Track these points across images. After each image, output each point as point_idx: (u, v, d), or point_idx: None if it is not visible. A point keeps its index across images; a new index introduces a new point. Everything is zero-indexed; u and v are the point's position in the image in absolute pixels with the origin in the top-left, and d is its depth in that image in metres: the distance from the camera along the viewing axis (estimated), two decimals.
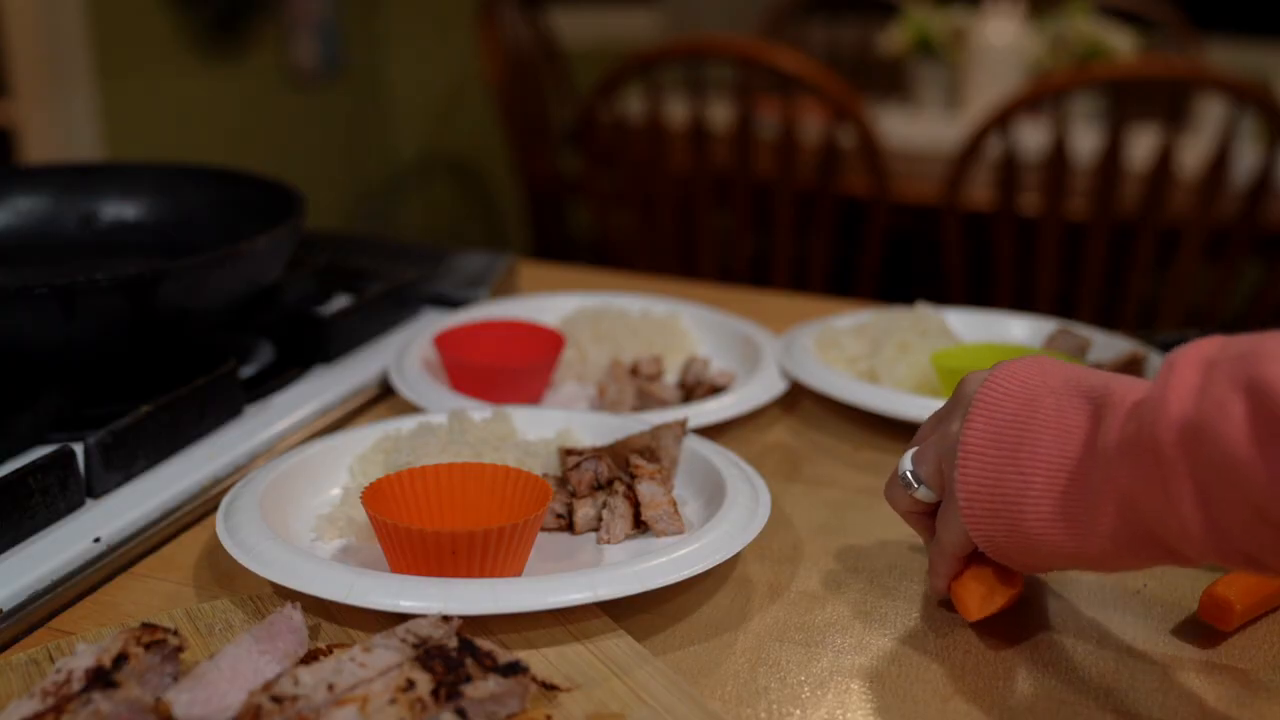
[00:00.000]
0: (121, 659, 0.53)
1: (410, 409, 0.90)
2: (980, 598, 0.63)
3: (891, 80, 2.91)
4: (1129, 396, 0.54)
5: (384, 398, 0.95)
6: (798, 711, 0.58)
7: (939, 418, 0.65)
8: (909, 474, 0.64)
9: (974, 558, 0.64)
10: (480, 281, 1.13)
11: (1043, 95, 1.88)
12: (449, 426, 0.78)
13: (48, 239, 1.02)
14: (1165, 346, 0.96)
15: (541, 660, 0.59)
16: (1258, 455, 0.47)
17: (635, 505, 0.72)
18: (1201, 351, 0.51)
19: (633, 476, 0.73)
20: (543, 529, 0.72)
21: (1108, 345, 0.97)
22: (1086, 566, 0.58)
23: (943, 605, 0.67)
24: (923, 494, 0.64)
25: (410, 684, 0.52)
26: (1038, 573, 0.66)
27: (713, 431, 0.87)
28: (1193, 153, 2.06)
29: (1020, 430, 0.57)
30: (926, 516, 0.65)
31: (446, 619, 0.57)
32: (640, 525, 0.72)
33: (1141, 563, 0.55)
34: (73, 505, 0.72)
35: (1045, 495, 0.56)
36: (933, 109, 2.69)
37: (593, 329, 0.98)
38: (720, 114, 2.16)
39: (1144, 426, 0.51)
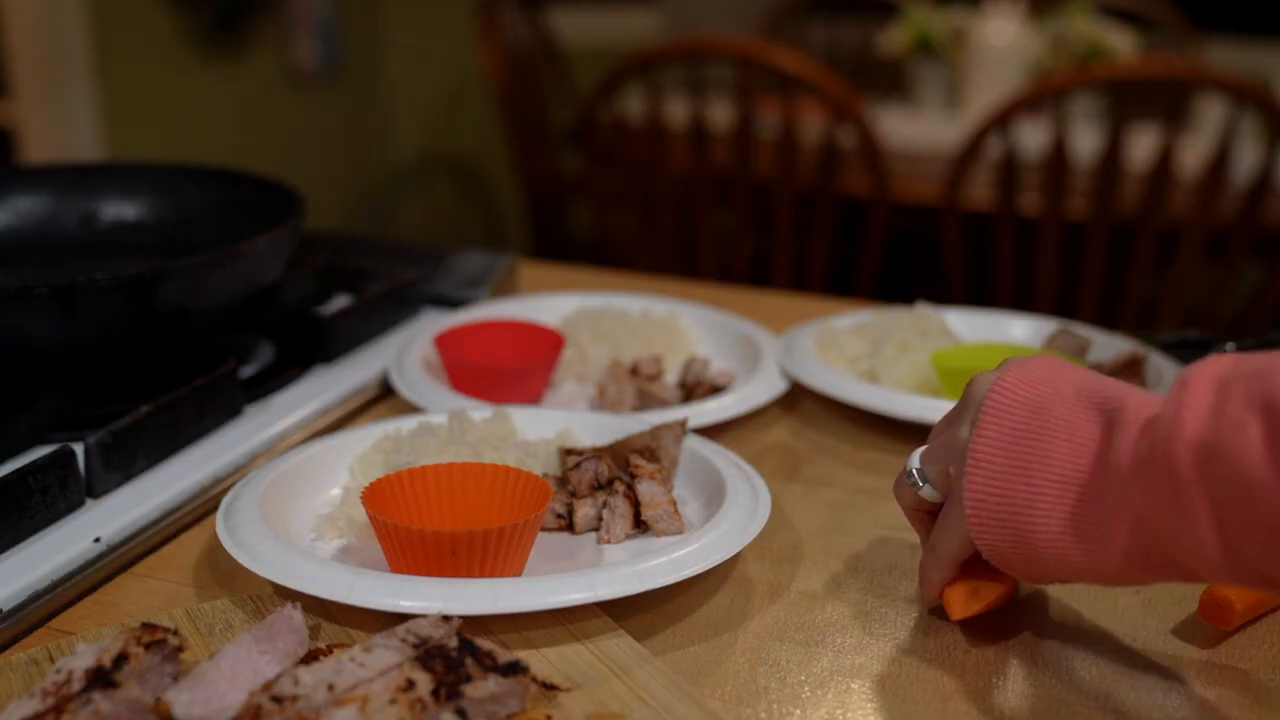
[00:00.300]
0: (121, 659, 0.53)
1: (410, 409, 0.90)
2: (966, 595, 0.63)
3: (891, 80, 2.91)
4: (1142, 412, 0.53)
5: (384, 398, 0.95)
6: (798, 711, 0.58)
7: (949, 419, 0.64)
8: (915, 472, 0.64)
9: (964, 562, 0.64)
10: (480, 281, 1.13)
11: (1043, 95, 1.88)
12: (449, 426, 0.78)
13: (48, 239, 1.02)
14: (1165, 346, 0.96)
15: (541, 660, 0.59)
16: (1274, 475, 0.47)
17: (635, 505, 0.72)
18: (1215, 370, 0.51)
19: (633, 476, 0.73)
20: (543, 529, 0.72)
21: (1108, 345, 0.97)
22: (1094, 581, 0.57)
23: (937, 610, 0.66)
24: (927, 493, 0.64)
25: (410, 684, 0.52)
26: (1041, 584, 0.66)
27: (713, 431, 0.87)
28: (1193, 153, 2.06)
29: (1031, 440, 0.57)
30: (929, 516, 0.65)
31: (446, 619, 0.57)
32: (640, 525, 0.72)
33: (1152, 580, 0.55)
34: (73, 505, 0.72)
35: (1055, 509, 0.56)
36: (933, 109, 2.69)
37: (593, 329, 0.98)
38: (720, 114, 2.16)
39: (1158, 445, 0.51)
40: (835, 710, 0.59)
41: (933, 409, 0.85)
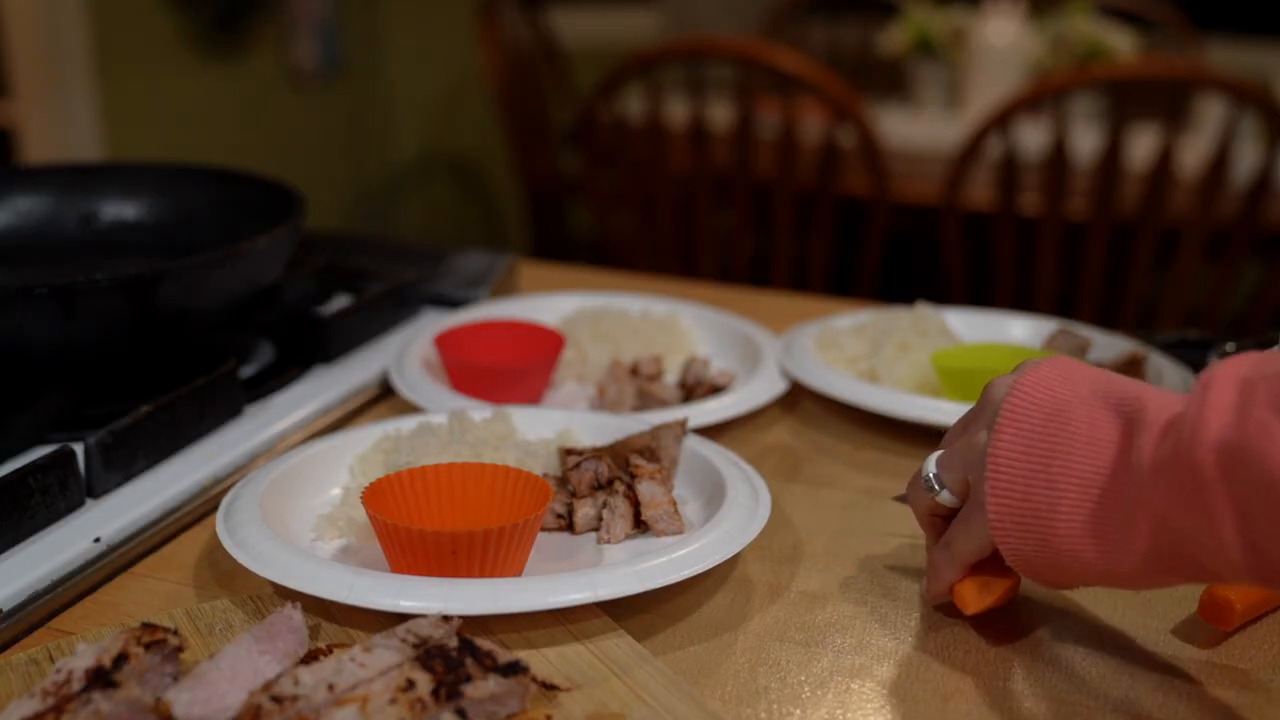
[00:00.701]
0: (121, 659, 0.53)
1: (410, 409, 0.90)
2: (978, 588, 0.63)
3: (891, 80, 2.91)
4: (1162, 413, 0.53)
5: (384, 398, 0.95)
6: (798, 711, 0.58)
7: (965, 422, 0.64)
8: (932, 477, 0.64)
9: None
10: (480, 281, 1.13)
11: (1043, 95, 1.88)
12: (449, 426, 0.78)
13: (48, 239, 1.02)
14: (1165, 346, 0.96)
15: (541, 660, 0.59)
16: None
17: (635, 505, 0.72)
18: (1238, 370, 0.51)
19: (633, 476, 0.73)
20: (543, 529, 0.72)
21: (1108, 345, 0.97)
22: (1115, 584, 0.57)
23: (940, 609, 0.66)
24: (945, 498, 0.64)
25: (410, 684, 0.52)
26: (1063, 589, 0.65)
27: (713, 431, 0.87)
28: (1193, 153, 2.06)
29: (1050, 442, 0.57)
30: (942, 520, 0.65)
31: (446, 619, 0.57)
32: (640, 525, 0.72)
33: (1172, 581, 0.55)
34: (73, 505, 0.72)
35: (1076, 511, 0.55)
36: (933, 109, 2.69)
37: (593, 329, 0.98)
38: (720, 114, 2.16)
39: (1181, 446, 0.50)
40: (835, 710, 0.59)
41: (933, 409, 0.85)
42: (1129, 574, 0.55)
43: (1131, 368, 0.92)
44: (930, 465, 0.64)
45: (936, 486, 0.64)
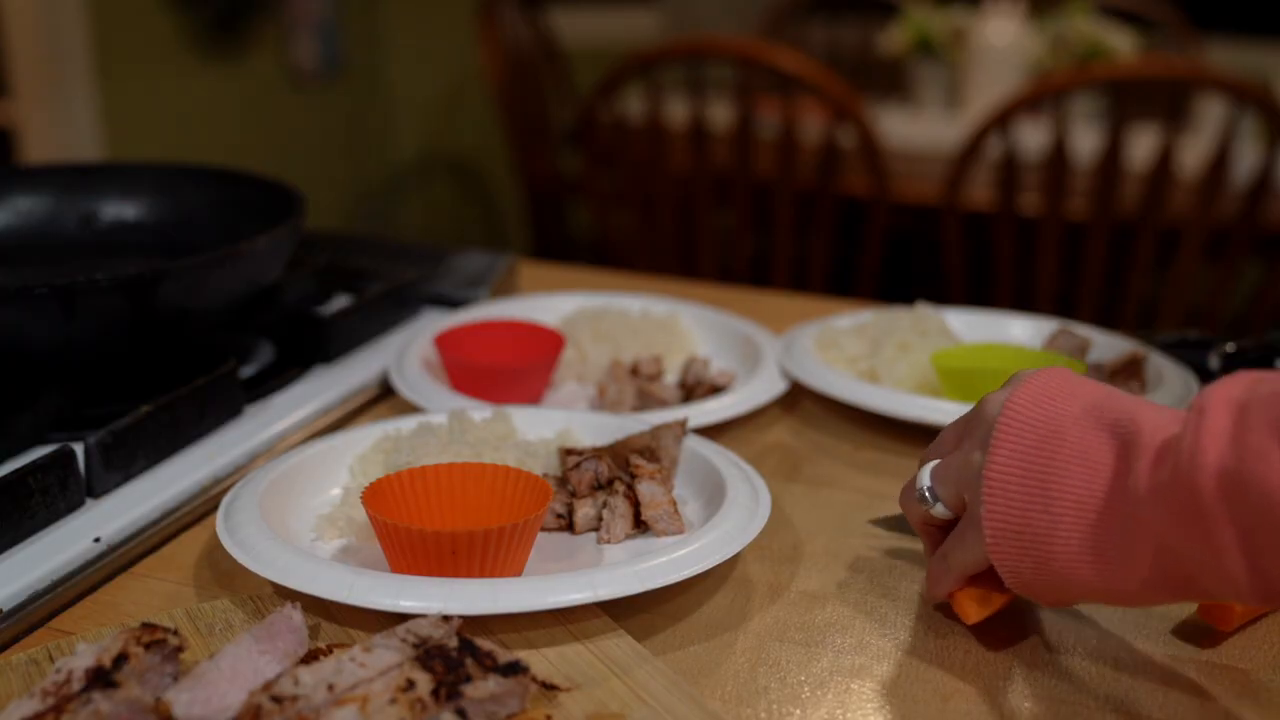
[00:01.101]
0: (121, 659, 0.53)
1: (410, 409, 0.90)
2: (978, 601, 0.63)
3: (891, 80, 2.91)
4: (1157, 435, 0.53)
5: (384, 398, 0.95)
6: (798, 711, 0.58)
7: (958, 434, 0.64)
8: (926, 491, 0.64)
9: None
10: (480, 281, 1.13)
11: (1043, 95, 1.88)
12: (449, 426, 0.78)
13: (48, 239, 1.02)
14: (1165, 346, 0.96)
15: (541, 660, 0.59)
16: None
17: (635, 505, 0.72)
18: (1231, 392, 0.51)
19: (633, 476, 0.73)
20: (543, 529, 0.72)
21: (1108, 345, 0.97)
22: (1114, 602, 0.57)
23: (939, 610, 0.66)
24: (940, 511, 0.63)
25: (410, 684, 0.52)
26: (1062, 606, 0.65)
27: (713, 431, 0.87)
28: (1193, 153, 2.06)
29: (1045, 464, 0.57)
30: (938, 530, 0.65)
31: (446, 619, 0.57)
32: (640, 525, 0.72)
33: (1173, 600, 0.55)
34: (73, 505, 0.72)
35: (1074, 533, 0.55)
36: (933, 109, 2.69)
37: (593, 329, 0.98)
38: (720, 114, 2.16)
39: (1180, 472, 0.50)
40: (835, 710, 0.59)
41: (933, 409, 0.85)
42: (1130, 594, 0.55)
43: (1131, 368, 0.92)
44: (925, 478, 0.64)
45: (931, 499, 0.63)
